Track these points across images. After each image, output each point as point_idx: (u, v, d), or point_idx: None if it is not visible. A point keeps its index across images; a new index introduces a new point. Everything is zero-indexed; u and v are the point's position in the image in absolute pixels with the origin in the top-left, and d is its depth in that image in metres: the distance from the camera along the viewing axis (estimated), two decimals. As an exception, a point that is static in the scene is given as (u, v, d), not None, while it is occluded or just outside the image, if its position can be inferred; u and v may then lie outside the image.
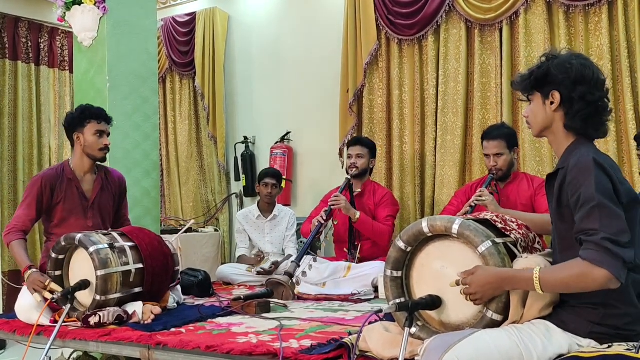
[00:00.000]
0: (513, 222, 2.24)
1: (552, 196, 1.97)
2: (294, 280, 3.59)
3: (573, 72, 1.92)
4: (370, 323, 2.29)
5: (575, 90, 1.91)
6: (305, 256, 3.79)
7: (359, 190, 4.23)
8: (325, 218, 3.91)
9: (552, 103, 1.96)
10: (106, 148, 3.39)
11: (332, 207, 3.96)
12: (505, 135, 3.65)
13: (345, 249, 4.18)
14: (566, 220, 1.90)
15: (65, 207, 3.31)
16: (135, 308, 2.93)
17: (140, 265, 3.02)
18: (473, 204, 3.44)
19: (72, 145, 3.41)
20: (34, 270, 3.03)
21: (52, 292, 2.92)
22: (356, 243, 4.14)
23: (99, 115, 3.38)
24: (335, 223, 4.09)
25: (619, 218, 1.75)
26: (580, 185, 1.81)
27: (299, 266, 3.68)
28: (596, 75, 1.93)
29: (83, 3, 4.15)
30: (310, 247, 3.91)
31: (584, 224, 1.77)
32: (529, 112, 2.05)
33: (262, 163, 5.52)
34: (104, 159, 3.43)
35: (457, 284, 1.97)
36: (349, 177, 4.16)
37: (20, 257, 3.12)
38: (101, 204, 3.41)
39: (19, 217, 3.24)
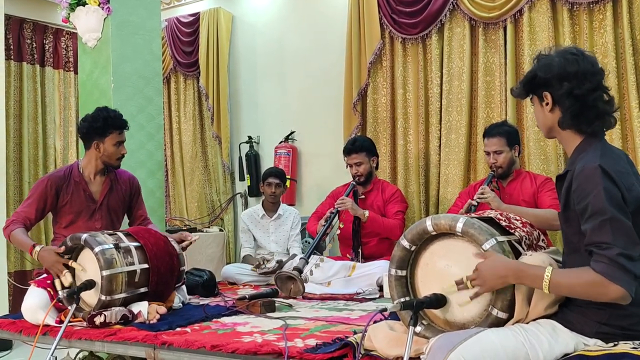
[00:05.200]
0: (517, 220, 2.24)
1: (561, 198, 1.95)
2: (302, 277, 3.59)
3: (555, 70, 1.90)
4: (375, 322, 2.29)
5: (562, 87, 1.89)
6: (312, 255, 3.79)
7: (363, 196, 4.22)
8: (331, 219, 3.92)
9: (547, 104, 1.95)
10: (123, 156, 3.42)
11: (338, 209, 3.97)
12: (505, 132, 3.65)
13: (348, 255, 4.19)
14: (572, 224, 1.88)
15: (73, 210, 3.32)
16: (141, 308, 2.93)
17: (146, 265, 3.02)
18: (476, 203, 3.44)
19: (87, 148, 3.39)
20: (40, 247, 3.02)
21: (69, 268, 2.93)
22: (363, 240, 4.15)
23: (122, 126, 3.37)
24: (342, 226, 4.09)
25: (630, 230, 1.73)
26: (587, 194, 1.78)
27: (307, 263, 3.68)
28: (582, 67, 1.88)
29: (87, 4, 4.17)
30: (316, 249, 3.91)
31: (596, 237, 1.74)
32: (535, 117, 2.06)
33: (267, 163, 5.53)
34: (119, 166, 3.46)
35: (460, 282, 1.97)
36: (355, 182, 4.17)
37: (23, 242, 3.12)
38: (110, 206, 3.42)
39: (17, 214, 3.25)
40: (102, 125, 3.32)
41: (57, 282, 2.95)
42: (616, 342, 1.81)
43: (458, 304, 2.02)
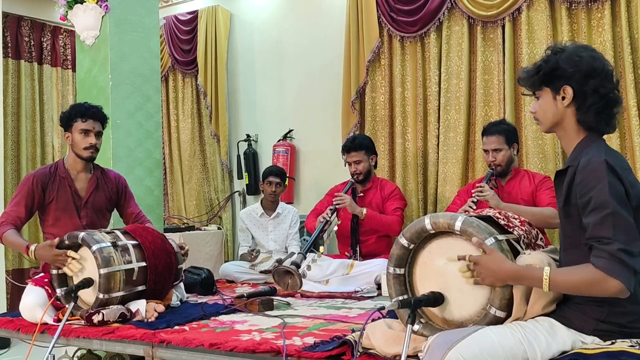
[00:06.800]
0: (515, 219, 2.24)
1: (561, 194, 1.94)
2: (300, 271, 3.59)
3: (584, 65, 1.87)
4: (373, 320, 2.29)
5: (588, 83, 1.87)
6: (308, 253, 3.79)
7: (361, 194, 4.23)
8: (329, 216, 3.92)
9: (563, 98, 1.92)
10: (92, 147, 3.28)
11: (336, 206, 3.97)
12: (503, 131, 3.66)
13: (346, 253, 4.19)
14: (572, 219, 1.88)
15: (58, 206, 3.29)
16: (139, 306, 2.93)
17: (144, 264, 3.02)
18: (475, 200, 3.45)
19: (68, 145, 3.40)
20: (34, 246, 3.00)
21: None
22: (361, 238, 4.15)
23: (85, 113, 3.29)
24: (339, 223, 4.09)
25: (631, 226, 1.74)
26: (591, 187, 1.77)
27: (305, 257, 3.68)
28: (606, 67, 1.89)
29: (85, 2, 4.15)
30: (313, 246, 3.92)
31: (597, 231, 1.74)
32: (537, 109, 2.00)
33: (265, 161, 5.53)
34: (91, 159, 3.34)
35: (466, 260, 1.98)
36: (353, 180, 4.17)
37: (16, 243, 3.11)
38: (95, 203, 3.38)
39: (7, 214, 3.22)
40: (68, 114, 3.33)
41: (66, 270, 2.95)
42: (614, 340, 1.81)
43: (458, 290, 2.02)
